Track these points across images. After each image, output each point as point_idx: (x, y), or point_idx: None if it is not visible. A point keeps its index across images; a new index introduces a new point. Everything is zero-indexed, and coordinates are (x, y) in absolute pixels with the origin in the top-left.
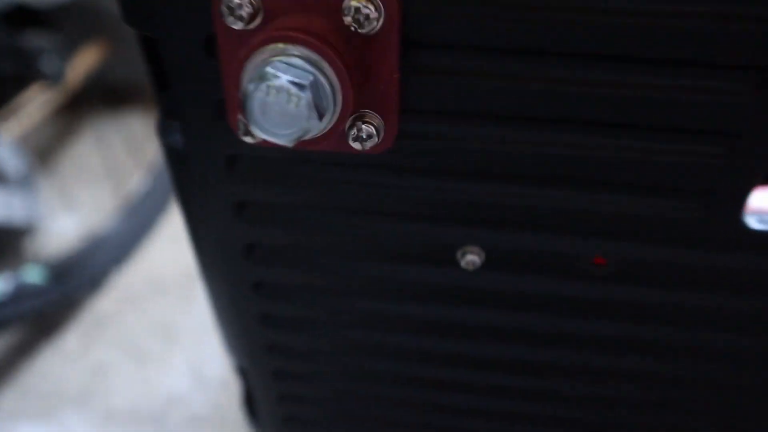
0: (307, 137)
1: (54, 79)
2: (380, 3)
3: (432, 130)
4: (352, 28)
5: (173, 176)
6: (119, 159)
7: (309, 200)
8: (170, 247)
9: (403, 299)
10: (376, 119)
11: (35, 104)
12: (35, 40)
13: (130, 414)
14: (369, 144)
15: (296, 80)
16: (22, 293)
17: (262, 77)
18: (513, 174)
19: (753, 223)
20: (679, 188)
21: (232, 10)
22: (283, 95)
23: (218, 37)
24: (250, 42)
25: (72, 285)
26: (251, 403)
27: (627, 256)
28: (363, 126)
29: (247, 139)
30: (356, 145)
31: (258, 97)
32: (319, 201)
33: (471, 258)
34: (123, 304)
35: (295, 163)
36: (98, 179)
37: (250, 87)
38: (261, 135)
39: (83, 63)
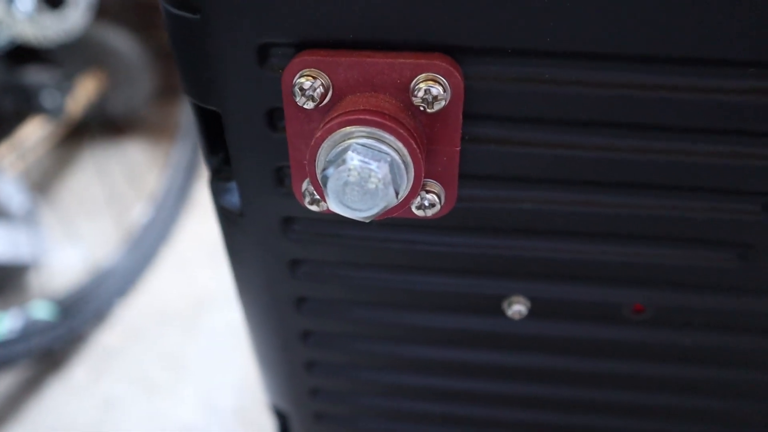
0: (381, 213)
1: (54, 113)
2: (446, 83)
3: (485, 193)
4: (421, 108)
5: (225, 235)
6: (120, 189)
7: (361, 259)
8: (174, 277)
9: (448, 346)
10: (437, 187)
11: (36, 139)
12: (36, 75)
13: None
14: (431, 211)
15: (375, 162)
16: (31, 330)
17: (342, 160)
18: (561, 231)
19: None
20: (717, 241)
21: (303, 92)
22: (364, 177)
23: (286, 114)
24: (321, 120)
25: (79, 319)
26: None
27: (666, 303)
28: (426, 195)
29: (313, 208)
30: (419, 213)
31: (338, 179)
32: (371, 259)
33: (518, 308)
34: (129, 336)
35: (348, 226)
36: (100, 210)
37: (330, 170)
38: (340, 213)
39: (83, 95)
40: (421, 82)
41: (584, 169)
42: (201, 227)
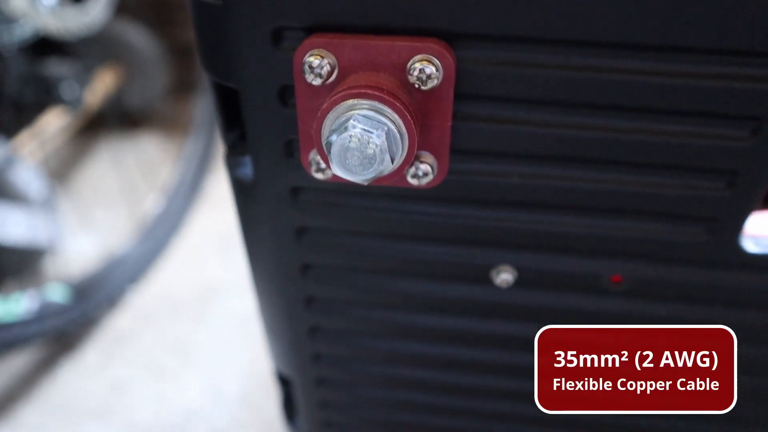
0: (379, 177)
1: (73, 104)
2: (440, 64)
3: (476, 167)
4: (416, 86)
5: (238, 204)
6: (134, 181)
7: (362, 227)
8: (184, 267)
9: (440, 313)
10: (431, 159)
11: (55, 129)
12: (56, 68)
13: (151, 428)
14: (425, 180)
15: (373, 130)
16: (46, 311)
17: (345, 128)
18: (544, 204)
19: (750, 246)
20: (686, 216)
21: (312, 69)
22: (363, 143)
23: (296, 90)
24: (328, 96)
25: (92, 303)
26: (290, 409)
27: (641, 275)
28: (420, 165)
29: (318, 176)
30: (414, 181)
31: (341, 144)
32: (370, 228)
33: (505, 277)
34: (140, 322)
35: (351, 195)
36: (114, 200)
37: (334, 137)
38: (342, 176)
39: (100, 88)
40: (417, 62)
41: (566, 146)
42: (212, 219)
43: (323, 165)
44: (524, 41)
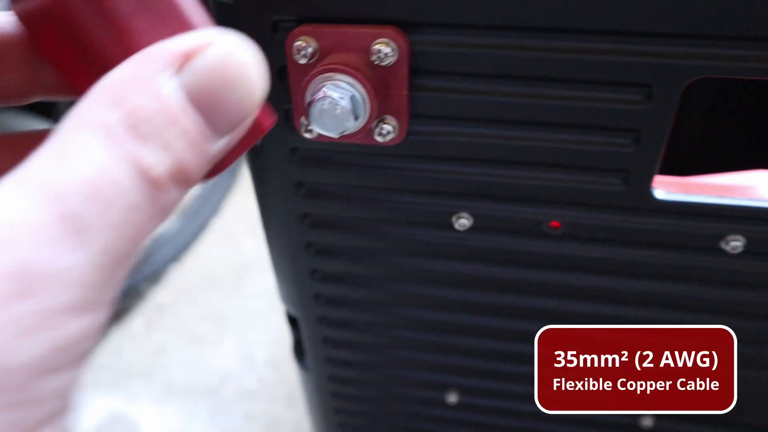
0: (347, 133)
1: None
2: (395, 46)
3: (431, 128)
4: (376, 62)
5: (251, 164)
6: None
7: (345, 180)
8: (221, 246)
9: (413, 255)
10: (393, 121)
11: None
12: None
13: (189, 387)
14: (388, 138)
15: (341, 96)
16: None
17: (320, 94)
18: (490, 160)
19: (659, 194)
20: (605, 168)
21: (299, 51)
22: (333, 105)
23: (289, 68)
24: (310, 71)
25: (137, 277)
26: (299, 350)
27: (574, 220)
28: (384, 126)
29: (307, 135)
30: (379, 139)
31: (317, 106)
32: (351, 181)
33: (463, 222)
34: (180, 294)
35: (335, 153)
36: None
37: (312, 101)
38: (318, 131)
39: None
40: (377, 44)
41: (503, 111)
42: (247, 201)
43: (309, 126)
44: (462, 27)
